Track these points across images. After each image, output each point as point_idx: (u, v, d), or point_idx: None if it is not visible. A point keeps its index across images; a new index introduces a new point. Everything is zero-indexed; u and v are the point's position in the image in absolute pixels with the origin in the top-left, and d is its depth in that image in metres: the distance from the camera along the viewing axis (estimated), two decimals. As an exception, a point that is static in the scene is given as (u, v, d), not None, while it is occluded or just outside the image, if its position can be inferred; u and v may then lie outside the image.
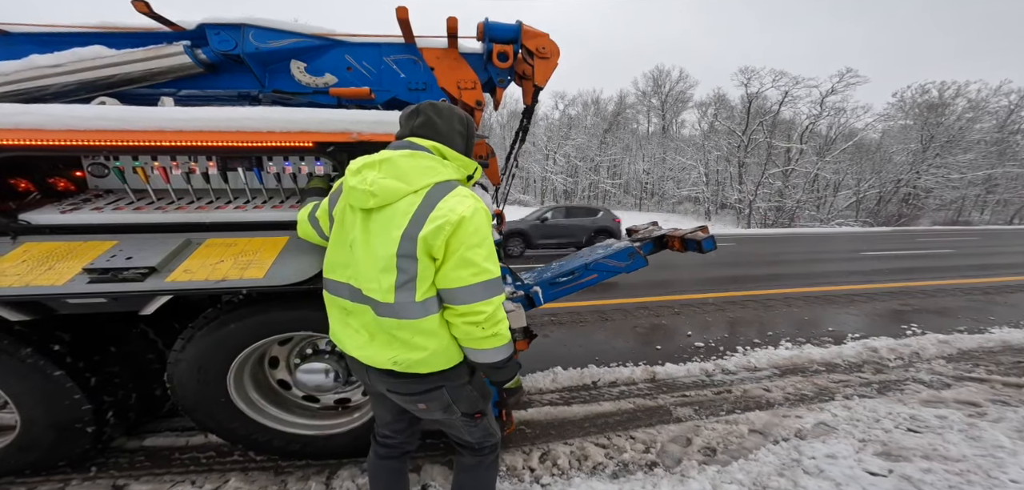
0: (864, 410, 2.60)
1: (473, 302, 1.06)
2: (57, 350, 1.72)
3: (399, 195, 1.04)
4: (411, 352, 1.10)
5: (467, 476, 1.40)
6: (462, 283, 1.05)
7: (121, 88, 2.12)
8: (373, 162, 1.08)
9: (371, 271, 1.06)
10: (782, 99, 29.12)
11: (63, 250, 1.57)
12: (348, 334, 1.19)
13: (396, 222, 1.03)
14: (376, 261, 1.05)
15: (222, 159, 1.78)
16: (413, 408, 1.25)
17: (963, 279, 7.40)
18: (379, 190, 1.03)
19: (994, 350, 3.79)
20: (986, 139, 30.99)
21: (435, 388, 1.18)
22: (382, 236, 1.04)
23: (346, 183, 1.10)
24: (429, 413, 1.25)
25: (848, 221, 29.60)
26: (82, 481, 1.99)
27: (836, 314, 5.10)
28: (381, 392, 1.27)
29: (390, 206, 1.05)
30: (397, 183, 1.04)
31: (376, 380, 1.21)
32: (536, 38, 2.42)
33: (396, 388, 1.19)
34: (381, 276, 1.04)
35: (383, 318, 1.08)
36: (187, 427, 2.38)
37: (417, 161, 1.09)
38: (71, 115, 1.57)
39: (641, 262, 3.01)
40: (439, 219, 1.02)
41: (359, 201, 1.06)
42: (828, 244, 14.09)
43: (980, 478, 1.93)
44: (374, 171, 1.06)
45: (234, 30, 2.20)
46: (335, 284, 1.18)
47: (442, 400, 1.21)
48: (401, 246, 1.02)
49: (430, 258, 1.04)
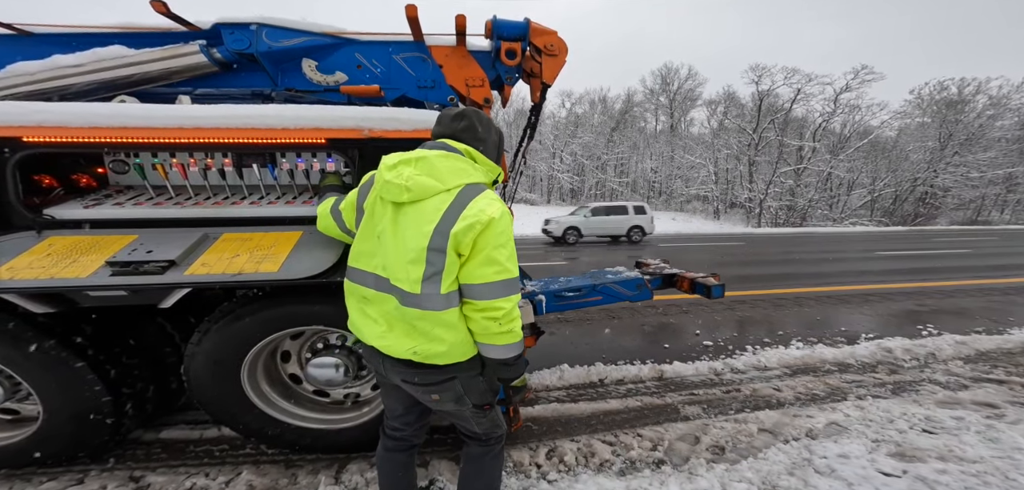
0: (878, 410, 2.56)
1: (494, 299, 1.11)
2: (79, 342, 1.77)
3: (432, 192, 1.09)
4: (431, 344, 1.14)
5: (474, 466, 1.44)
6: (486, 280, 1.09)
7: (140, 87, 2.18)
8: (409, 159, 1.14)
9: (400, 262, 1.11)
10: (794, 96, 28.62)
11: (86, 244, 1.62)
12: (366, 323, 1.24)
13: (427, 217, 1.08)
14: (406, 253, 1.09)
15: (237, 155, 1.82)
16: (426, 399, 1.28)
17: (981, 279, 7.21)
18: (414, 186, 1.09)
19: (1013, 351, 3.69)
20: (1007, 136, 30.08)
21: (449, 380, 1.22)
22: (413, 229, 1.09)
23: (381, 176, 1.14)
24: (441, 404, 1.28)
25: (862, 220, 28.99)
26: (100, 472, 2.04)
27: (849, 314, 5.01)
28: (395, 383, 1.30)
29: (422, 202, 1.10)
30: (431, 180, 1.10)
31: (392, 370, 1.24)
32: (544, 35, 2.42)
33: (411, 378, 1.23)
34: (410, 267, 1.09)
35: (407, 308, 1.12)
36: (202, 420, 2.44)
37: (451, 162, 1.14)
38: (93, 113, 1.62)
39: (647, 294, 3.10)
40: (470, 217, 1.06)
41: (393, 194, 1.11)
42: (841, 244, 13.83)
43: (997, 480, 1.88)
44: (410, 168, 1.12)
45: (248, 29, 2.24)
46: (359, 273, 1.23)
47: (454, 391, 1.25)
48: (432, 240, 1.07)
49: (457, 254, 1.08)
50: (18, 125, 1.56)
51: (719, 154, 31.29)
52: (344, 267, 1.64)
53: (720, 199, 31.17)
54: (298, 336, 2.11)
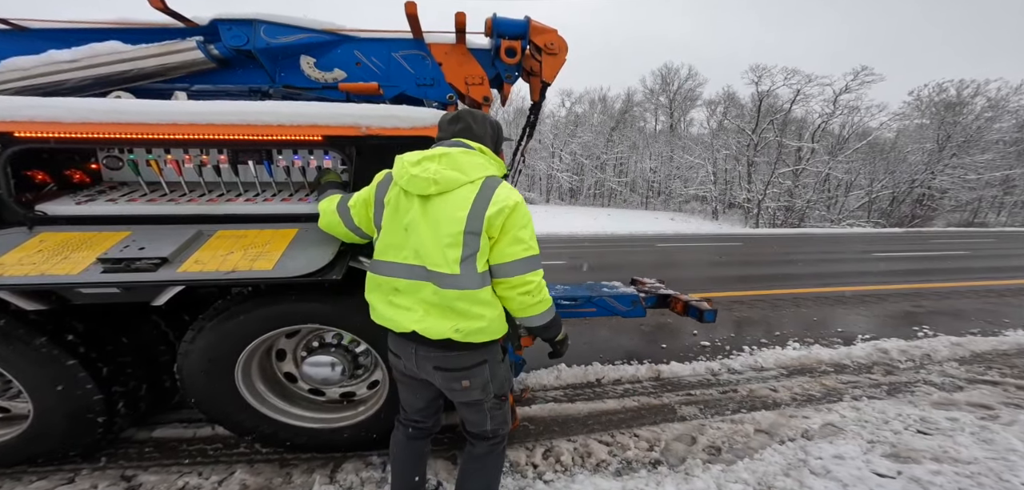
0: (873, 411, 2.57)
1: (524, 274, 1.24)
2: (70, 340, 1.75)
3: (457, 184, 1.21)
4: (471, 321, 1.24)
5: (477, 464, 1.51)
6: (515, 257, 1.23)
7: (136, 83, 2.16)
8: (433, 156, 1.24)
9: (437, 247, 1.20)
10: (794, 97, 28.64)
11: (78, 240, 1.61)
12: (398, 312, 1.30)
13: (458, 205, 1.20)
14: (442, 238, 1.19)
15: (233, 152, 1.81)
16: (456, 386, 1.34)
17: (977, 281, 7.24)
18: (441, 179, 1.20)
19: (1008, 353, 3.72)
20: (1005, 139, 30.17)
21: (481, 363, 1.32)
22: (446, 217, 1.20)
23: (405, 172, 1.24)
24: (469, 391, 1.35)
25: (859, 222, 29.08)
26: (92, 471, 2.03)
27: (845, 315, 5.03)
28: (422, 378, 1.38)
29: (450, 192, 1.21)
30: (456, 173, 1.21)
31: (426, 357, 1.31)
32: (544, 34, 2.41)
33: (446, 363, 1.30)
34: (448, 250, 1.19)
35: (446, 290, 1.21)
36: (195, 419, 2.43)
37: (470, 157, 1.26)
38: (88, 108, 1.60)
39: (640, 312, 3.19)
40: (500, 202, 1.20)
41: (420, 188, 1.21)
42: (839, 244, 13.87)
43: (991, 481, 1.89)
44: (434, 163, 1.22)
45: (246, 25, 2.23)
46: (388, 265, 1.30)
47: (483, 376, 1.34)
48: (468, 224, 1.18)
49: (488, 236, 1.21)
50: (10, 120, 1.55)
51: (718, 154, 31.32)
52: (339, 265, 1.64)
53: (718, 199, 31.22)
54: (293, 334, 2.10)
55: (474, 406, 1.41)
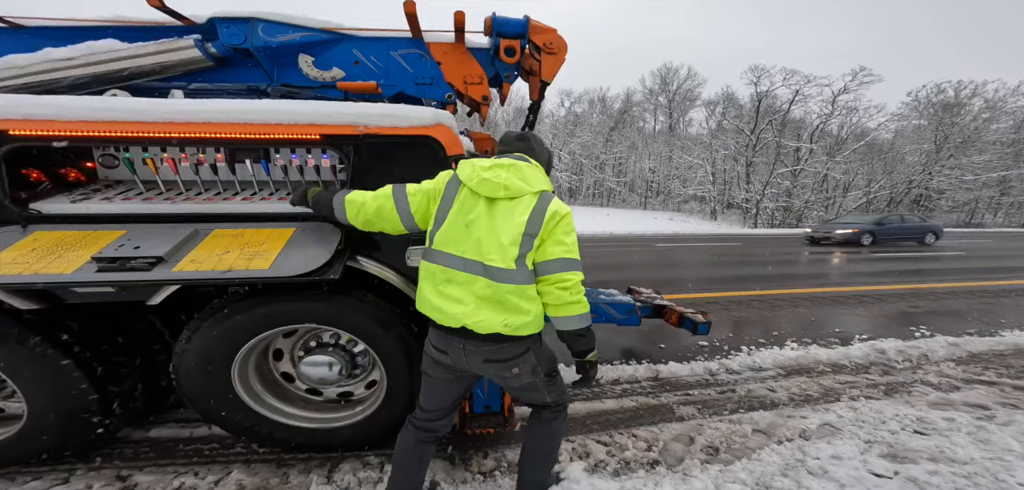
0: (870, 411, 2.57)
1: (563, 272, 1.36)
2: (65, 339, 1.74)
3: (522, 192, 1.38)
4: (518, 315, 1.36)
5: (546, 428, 1.66)
6: (556, 256, 1.36)
7: (133, 81, 2.15)
8: (503, 164, 1.41)
9: (498, 244, 1.34)
10: (793, 98, 28.72)
11: (72, 239, 1.60)
12: (447, 302, 1.38)
13: (520, 210, 1.36)
14: (505, 236, 1.34)
15: (230, 151, 1.80)
16: (507, 374, 1.45)
17: (974, 282, 7.27)
18: (511, 186, 1.36)
19: (1004, 353, 3.73)
20: (1002, 140, 30.31)
21: (525, 352, 1.43)
22: (509, 219, 1.35)
23: (476, 175, 1.39)
24: (520, 377, 1.47)
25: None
26: (87, 471, 2.01)
27: (843, 315, 5.04)
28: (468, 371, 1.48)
29: (514, 198, 1.37)
30: (521, 183, 1.38)
31: (475, 351, 1.40)
32: (544, 33, 2.41)
33: (496, 355, 1.41)
34: (509, 248, 1.33)
35: (501, 284, 1.34)
36: (191, 419, 2.41)
37: (533, 170, 1.45)
38: (84, 107, 1.59)
39: (635, 320, 3.22)
40: (553, 210, 1.38)
41: (489, 191, 1.37)
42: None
43: (987, 481, 1.90)
44: (504, 171, 1.39)
45: (243, 24, 2.22)
46: (445, 255, 1.39)
47: (530, 362, 1.46)
48: (528, 227, 1.34)
49: (540, 239, 1.36)
50: (4, 118, 1.53)
51: (717, 155, 31.39)
52: (337, 265, 1.63)
53: (717, 200, 31.28)
54: (291, 334, 2.09)
55: (529, 388, 1.54)
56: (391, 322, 1.89)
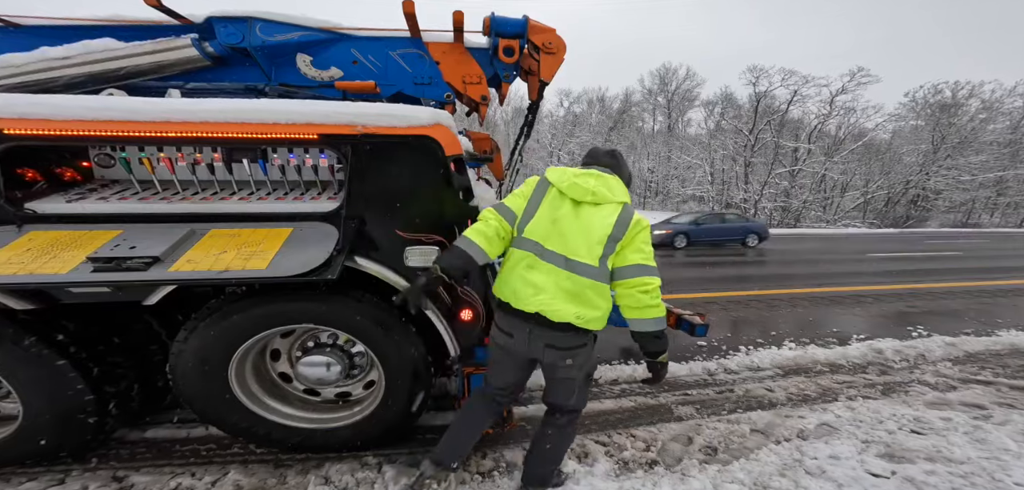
0: (868, 411, 2.58)
1: (644, 276, 1.49)
2: (61, 340, 1.73)
3: (606, 200, 1.54)
4: (590, 309, 1.51)
5: (557, 432, 1.78)
6: (637, 262, 1.50)
7: (130, 80, 2.14)
8: (591, 174, 1.60)
9: (584, 242, 1.50)
10: (791, 98, 28.79)
11: (68, 239, 1.59)
12: (528, 289, 1.52)
13: (605, 216, 1.52)
14: (592, 236, 1.50)
15: (227, 151, 1.79)
16: (561, 363, 1.59)
17: (971, 282, 7.30)
18: (598, 193, 1.54)
19: (1001, 353, 3.75)
20: (999, 140, 30.45)
21: (584, 346, 1.59)
22: (597, 222, 1.51)
23: (565, 179, 1.58)
24: (569, 369, 1.61)
25: (855, 222, 29.27)
26: (83, 471, 2.00)
27: (841, 315, 5.06)
28: (528, 356, 1.64)
29: (600, 205, 1.54)
30: (606, 192, 1.56)
31: (540, 336, 1.54)
32: (543, 33, 2.41)
33: (558, 343, 1.54)
34: (595, 246, 1.49)
35: (582, 278, 1.48)
36: (188, 419, 2.40)
37: (616, 182, 1.62)
38: (80, 106, 1.58)
39: None
40: (636, 220, 1.53)
41: (577, 195, 1.55)
42: (835, 245, 13.96)
43: (984, 481, 1.90)
44: (593, 180, 1.57)
45: (241, 23, 2.22)
46: (532, 244, 1.56)
47: (583, 357, 1.61)
48: (614, 231, 1.50)
49: (621, 244, 1.50)
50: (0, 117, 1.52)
51: (715, 155, 31.44)
52: (335, 265, 1.62)
53: (716, 200, 31.32)
54: (288, 334, 2.09)
55: (567, 382, 1.66)
56: (390, 322, 1.88)
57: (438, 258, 1.61)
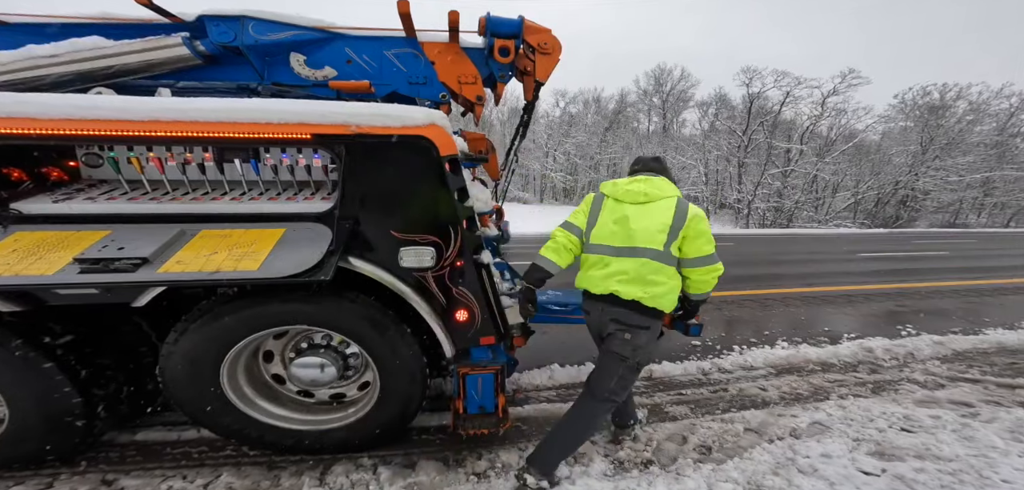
0: (859, 410, 2.61)
1: (713, 264, 1.83)
2: (47, 342, 1.71)
3: (658, 198, 1.83)
4: (655, 287, 1.78)
5: (590, 410, 1.97)
6: (706, 253, 1.81)
7: (119, 79, 2.11)
8: (639, 179, 1.92)
9: (649, 232, 1.79)
10: (784, 99, 29.06)
11: (54, 240, 1.56)
12: (600, 278, 1.86)
13: (663, 209, 1.81)
14: (651, 226, 1.79)
15: (218, 150, 1.77)
16: (619, 337, 1.84)
17: (959, 281, 7.43)
18: (649, 193, 1.84)
19: (988, 351, 3.81)
20: (986, 142, 30.97)
21: (645, 327, 1.84)
22: (657, 215, 1.80)
23: (619, 188, 1.92)
24: (625, 345, 1.84)
25: (846, 222, 29.64)
26: (71, 475, 1.98)
27: (832, 314, 5.12)
28: (597, 328, 1.96)
29: (652, 202, 1.83)
30: (656, 191, 1.85)
31: (608, 311, 1.86)
32: (538, 33, 2.41)
33: (622, 319, 1.83)
34: (656, 234, 1.78)
35: (647, 261, 1.78)
36: (180, 421, 2.38)
37: (662, 182, 1.90)
38: (67, 104, 1.55)
39: None
40: (693, 212, 1.81)
41: (633, 198, 1.86)
42: (826, 245, 14.13)
43: (972, 478, 1.94)
44: (642, 184, 1.88)
45: (233, 22, 2.19)
46: (599, 246, 1.90)
47: (641, 339, 1.84)
48: (674, 221, 1.78)
49: (684, 235, 1.79)
50: None
51: (710, 155, 31.65)
52: (328, 265, 1.61)
53: (710, 200, 31.54)
54: (281, 335, 2.07)
55: (616, 361, 1.87)
56: (384, 323, 1.87)
57: (524, 273, 2.02)
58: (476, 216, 2.00)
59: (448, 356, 2.01)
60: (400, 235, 1.80)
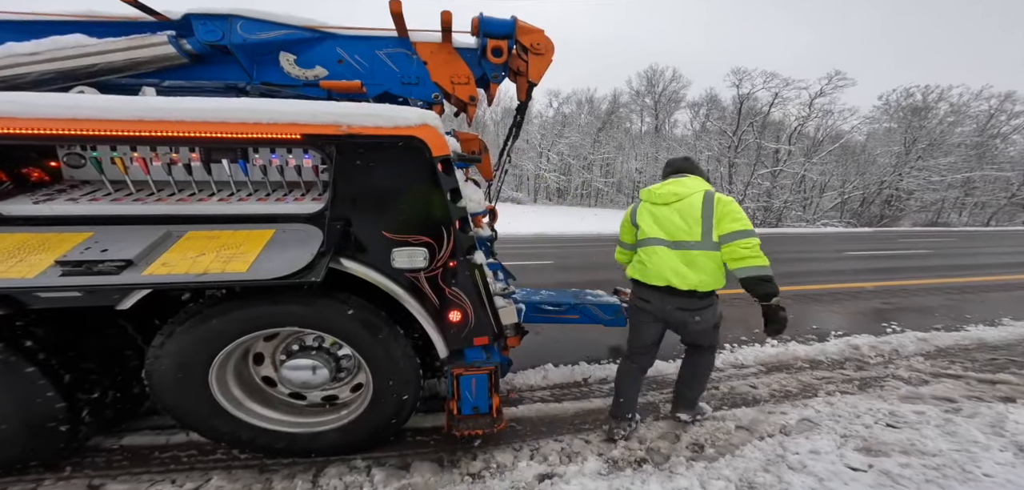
0: (846, 406, 2.66)
1: (742, 239, 1.97)
2: (29, 346, 1.66)
3: (688, 195, 2.07)
4: (703, 272, 2.03)
5: (705, 360, 2.38)
6: (734, 229, 1.98)
7: (102, 78, 2.05)
8: (671, 182, 2.17)
9: (682, 226, 2.05)
10: (772, 100, 29.50)
11: (35, 242, 1.52)
12: (655, 270, 2.12)
13: (693, 203, 2.05)
14: (686, 220, 2.04)
15: (205, 150, 1.73)
16: (690, 320, 2.14)
17: (941, 279, 7.62)
18: (679, 193, 2.09)
19: (969, 347, 3.91)
20: (966, 142, 31.83)
21: (709, 306, 2.15)
22: (688, 211, 2.05)
23: (654, 193, 2.19)
24: (699, 324, 2.15)
25: (833, 222, 30.20)
26: (56, 481, 1.93)
27: (820, 312, 5.21)
28: (661, 317, 2.20)
29: (684, 199, 2.07)
30: (685, 190, 2.09)
31: (671, 300, 2.12)
32: (531, 34, 2.41)
33: (686, 305, 2.11)
34: (692, 226, 2.03)
35: (690, 250, 2.03)
36: (168, 425, 2.33)
37: (690, 180, 2.15)
38: (48, 104, 1.51)
39: (622, 321, 3.30)
40: (719, 198, 2.04)
41: (666, 199, 2.12)
42: (814, 244, 14.37)
43: (955, 472, 1.98)
44: (672, 186, 2.13)
45: (221, 21, 2.15)
46: (647, 240, 2.17)
47: (710, 313, 2.17)
48: (704, 211, 2.02)
49: (716, 219, 2.01)
50: None
51: (701, 156, 31.99)
52: (319, 267, 1.59)
53: (701, 200, 31.82)
54: (272, 338, 2.04)
55: (701, 333, 2.21)
56: (377, 324, 1.86)
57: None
58: (469, 216, 2.00)
59: (442, 357, 2.00)
60: (392, 236, 1.79)
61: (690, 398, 2.46)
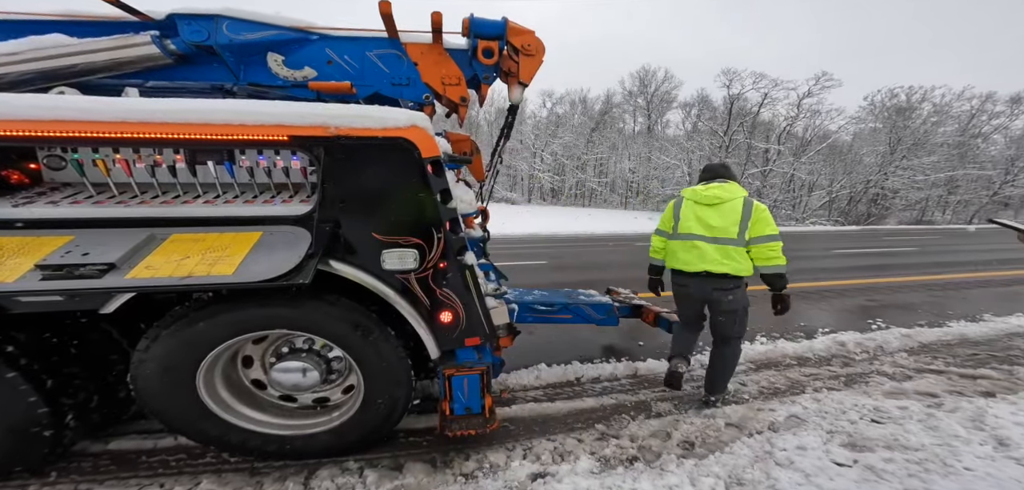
0: (832, 402, 2.71)
1: (771, 242, 2.41)
2: (10, 351, 1.63)
3: (728, 199, 2.46)
4: (735, 262, 2.43)
5: (731, 350, 2.68)
6: (765, 234, 2.41)
7: (83, 78, 2.02)
8: (714, 186, 2.53)
9: (721, 224, 2.44)
10: (762, 100, 29.92)
11: (14, 245, 1.48)
12: (692, 256, 2.52)
13: (734, 207, 2.43)
14: (725, 220, 2.43)
15: (190, 152, 1.71)
16: (724, 299, 2.50)
17: (925, 276, 7.78)
18: (721, 196, 2.47)
19: (951, 343, 4.01)
20: (949, 142, 32.57)
21: (739, 287, 2.51)
22: (729, 212, 2.44)
23: (696, 194, 2.57)
24: (732, 303, 2.51)
25: (821, 220, 30.71)
26: (41, 487, 1.90)
27: (808, 309, 5.29)
28: (699, 297, 2.61)
29: (724, 202, 2.45)
30: (726, 194, 2.47)
31: (705, 283, 2.52)
32: (522, 35, 2.41)
33: (721, 286, 2.49)
34: (730, 226, 2.42)
35: (726, 245, 2.43)
36: (156, 429, 2.29)
37: (730, 186, 2.51)
38: (27, 104, 1.48)
39: (614, 321, 3.43)
40: (756, 205, 2.43)
41: (709, 200, 2.49)
42: (803, 242, 14.59)
43: (937, 466, 2.03)
44: (716, 189, 2.50)
45: (206, 20, 2.12)
46: (686, 235, 2.55)
47: (739, 295, 2.52)
48: (743, 214, 2.41)
49: (752, 222, 2.41)
50: None
51: (693, 155, 32.30)
52: (307, 269, 1.58)
53: (693, 199, 32.11)
54: (261, 340, 2.02)
55: (730, 315, 2.54)
56: (368, 326, 1.85)
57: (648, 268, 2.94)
58: (460, 217, 2.00)
59: (433, 358, 2.00)
60: (382, 237, 1.78)
61: (719, 383, 2.74)
